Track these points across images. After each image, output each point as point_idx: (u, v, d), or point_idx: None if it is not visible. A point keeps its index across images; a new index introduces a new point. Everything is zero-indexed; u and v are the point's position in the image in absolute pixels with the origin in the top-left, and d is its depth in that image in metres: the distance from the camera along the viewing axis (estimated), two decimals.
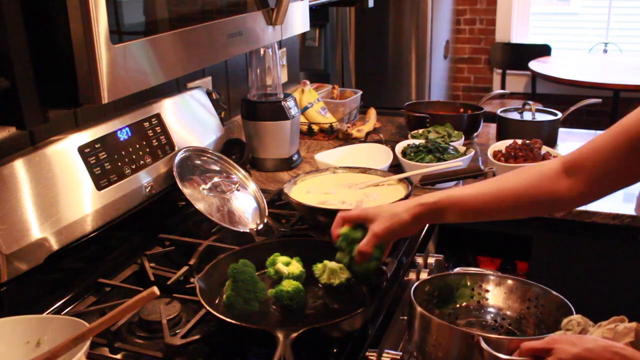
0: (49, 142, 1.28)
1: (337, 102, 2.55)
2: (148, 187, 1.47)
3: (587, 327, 1.02)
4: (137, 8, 1.01)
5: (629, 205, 1.77)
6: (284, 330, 1.02)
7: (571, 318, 1.05)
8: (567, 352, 0.91)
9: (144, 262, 1.38)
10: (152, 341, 1.14)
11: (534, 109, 2.23)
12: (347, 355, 1.10)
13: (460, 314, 1.22)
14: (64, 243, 1.24)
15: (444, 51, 4.28)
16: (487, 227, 1.88)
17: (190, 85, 1.85)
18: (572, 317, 1.05)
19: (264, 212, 1.59)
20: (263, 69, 1.97)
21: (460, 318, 1.21)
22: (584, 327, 1.02)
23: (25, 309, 1.14)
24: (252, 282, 1.17)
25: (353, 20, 3.81)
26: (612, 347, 0.91)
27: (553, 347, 0.93)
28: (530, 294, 1.19)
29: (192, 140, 1.65)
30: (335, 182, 1.63)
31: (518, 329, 1.18)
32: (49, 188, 1.23)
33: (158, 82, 1.04)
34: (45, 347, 0.97)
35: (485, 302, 1.22)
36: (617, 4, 4.83)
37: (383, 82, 3.88)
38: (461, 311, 1.22)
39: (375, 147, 2.05)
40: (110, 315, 0.93)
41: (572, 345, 0.92)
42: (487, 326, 1.20)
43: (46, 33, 0.87)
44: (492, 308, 1.21)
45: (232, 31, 1.24)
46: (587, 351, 0.91)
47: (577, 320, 1.04)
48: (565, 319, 1.06)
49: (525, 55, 4.65)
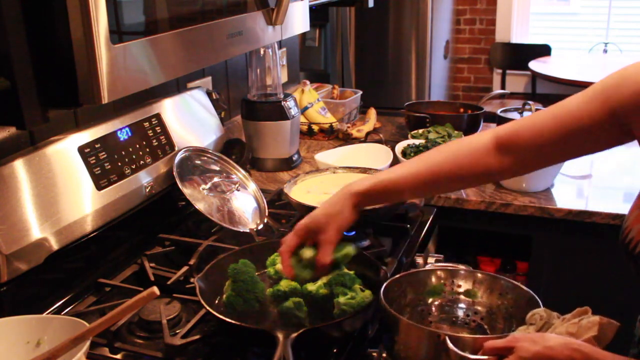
0: (49, 142, 1.28)
1: (337, 102, 2.55)
2: (148, 187, 1.47)
3: (550, 320, 1.03)
4: (137, 8, 1.01)
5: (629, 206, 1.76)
6: (284, 330, 1.02)
7: (535, 311, 1.05)
8: (528, 351, 0.92)
9: (144, 262, 1.38)
10: (152, 341, 1.14)
11: (534, 109, 2.23)
12: (347, 355, 1.10)
13: (431, 311, 1.21)
14: (64, 243, 1.24)
15: (444, 51, 4.28)
16: (487, 227, 1.88)
17: (190, 85, 1.85)
18: (536, 311, 1.05)
19: (264, 212, 1.59)
20: (263, 69, 1.97)
21: (432, 315, 1.21)
22: (547, 321, 1.03)
23: (25, 309, 1.14)
24: (252, 282, 1.17)
25: (353, 20, 3.81)
26: (572, 344, 0.91)
27: (514, 346, 0.94)
28: (500, 288, 1.18)
29: (192, 140, 1.65)
30: (335, 182, 1.63)
31: (488, 324, 1.18)
32: (49, 188, 1.23)
33: (158, 82, 1.04)
34: (45, 347, 0.97)
35: (456, 297, 1.22)
36: (617, 4, 4.83)
37: (383, 82, 3.87)
38: (433, 308, 1.22)
39: (375, 147, 2.05)
40: (110, 315, 0.93)
41: (533, 343, 0.93)
42: (459, 322, 1.20)
43: (46, 33, 0.87)
44: (463, 303, 1.21)
45: (232, 31, 1.24)
46: (548, 349, 0.91)
47: (540, 313, 1.04)
48: (530, 312, 1.06)
49: (525, 55, 4.65)
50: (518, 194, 1.84)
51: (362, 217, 1.32)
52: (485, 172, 1.12)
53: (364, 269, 1.24)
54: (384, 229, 1.54)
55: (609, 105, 0.98)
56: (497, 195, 1.84)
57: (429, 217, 1.66)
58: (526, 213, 1.79)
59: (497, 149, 1.09)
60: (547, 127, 1.04)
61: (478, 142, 1.12)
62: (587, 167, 2.11)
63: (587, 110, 1.01)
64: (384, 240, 1.50)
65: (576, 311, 1.01)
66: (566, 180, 1.96)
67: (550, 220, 1.78)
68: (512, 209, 1.79)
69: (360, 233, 1.49)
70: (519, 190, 1.85)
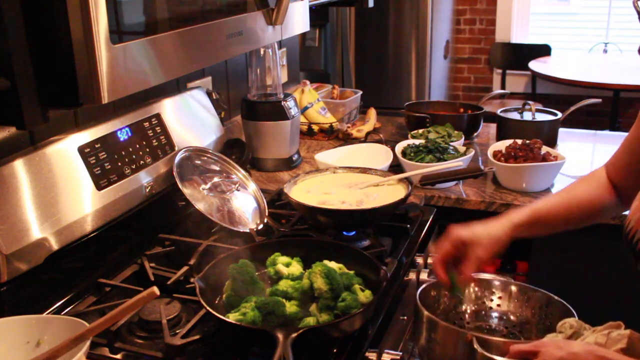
0: (49, 142, 1.28)
1: (337, 102, 2.55)
2: (148, 187, 1.47)
3: (581, 330, 1.03)
4: (137, 8, 1.01)
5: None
6: (284, 330, 1.02)
7: (566, 320, 1.06)
8: (552, 355, 0.93)
9: (144, 262, 1.38)
10: (152, 341, 1.14)
11: (534, 109, 2.23)
12: (347, 355, 1.10)
13: (465, 319, 1.22)
14: (64, 243, 1.24)
15: (444, 51, 4.28)
16: None
17: (190, 85, 1.85)
18: (567, 320, 1.06)
19: (264, 212, 1.59)
20: (263, 69, 1.97)
21: (465, 322, 1.21)
22: (577, 330, 1.03)
23: (25, 309, 1.14)
24: (252, 282, 1.17)
25: (353, 20, 3.81)
26: (598, 352, 0.92)
27: (540, 350, 0.95)
28: (535, 300, 1.19)
29: (192, 140, 1.65)
30: (335, 182, 1.63)
31: (522, 335, 1.19)
32: (49, 188, 1.23)
33: (158, 82, 1.04)
34: (45, 347, 0.97)
35: (490, 307, 1.22)
36: (617, 4, 4.83)
37: (383, 82, 3.88)
38: (466, 316, 1.22)
39: (375, 147, 2.05)
40: (110, 315, 0.93)
41: (558, 348, 0.94)
42: (492, 331, 1.20)
43: (46, 33, 0.87)
44: (497, 313, 1.22)
45: (232, 31, 1.24)
46: (572, 355, 0.92)
47: (570, 323, 1.05)
48: (561, 321, 1.07)
49: (525, 55, 4.65)
50: (518, 194, 1.83)
51: (362, 218, 1.32)
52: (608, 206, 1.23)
53: (364, 269, 1.24)
54: (384, 229, 1.54)
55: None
56: (497, 195, 1.83)
57: (429, 217, 1.66)
58: None
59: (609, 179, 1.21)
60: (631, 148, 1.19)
61: (600, 175, 1.24)
62: (587, 166, 2.11)
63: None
64: (384, 240, 1.50)
65: (608, 324, 1.02)
66: (566, 180, 1.96)
67: None
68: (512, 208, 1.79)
69: (360, 233, 1.49)
70: (519, 190, 1.85)
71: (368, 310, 1.12)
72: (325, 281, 1.13)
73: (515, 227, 1.18)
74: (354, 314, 1.09)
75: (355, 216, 1.46)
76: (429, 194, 1.84)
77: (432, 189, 1.86)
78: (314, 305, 1.15)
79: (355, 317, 1.09)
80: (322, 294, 1.13)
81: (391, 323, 1.29)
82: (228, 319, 1.08)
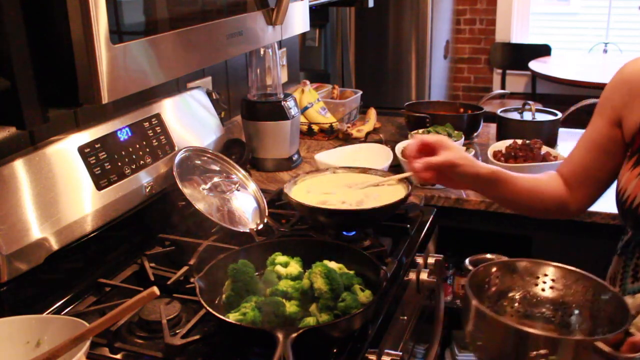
0: (49, 142, 1.28)
1: (337, 102, 2.55)
2: (148, 187, 1.47)
3: None
4: (137, 8, 1.01)
5: None
6: (284, 330, 1.02)
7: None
8: None
9: (144, 262, 1.38)
10: (152, 341, 1.14)
11: (534, 109, 2.23)
12: (347, 355, 1.10)
13: (514, 304, 1.20)
14: (64, 243, 1.24)
15: (444, 51, 4.28)
16: (487, 227, 1.88)
17: (190, 85, 1.85)
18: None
19: (264, 212, 1.59)
20: (263, 69, 1.97)
21: (515, 307, 1.19)
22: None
23: (25, 309, 1.14)
24: (252, 282, 1.17)
25: (353, 20, 3.81)
26: None
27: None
28: (589, 286, 1.15)
29: (192, 140, 1.65)
30: (335, 182, 1.63)
31: (572, 322, 1.16)
32: (49, 188, 1.23)
33: (158, 82, 1.04)
34: (45, 347, 0.97)
35: (541, 292, 1.20)
36: (617, 4, 4.83)
37: (383, 82, 3.88)
38: (515, 301, 1.20)
39: (375, 147, 2.05)
40: (110, 315, 0.93)
41: None
42: (541, 317, 1.18)
43: (46, 33, 0.87)
44: (547, 298, 1.19)
45: (232, 31, 1.24)
46: None
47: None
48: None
49: (525, 55, 4.65)
50: None
51: (362, 218, 1.32)
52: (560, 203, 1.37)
53: (364, 269, 1.24)
54: (384, 229, 1.54)
55: (606, 115, 1.05)
56: None
57: (429, 217, 1.66)
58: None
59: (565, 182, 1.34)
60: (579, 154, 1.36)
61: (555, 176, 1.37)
62: None
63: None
64: (384, 240, 1.50)
65: None
66: None
67: (550, 220, 1.77)
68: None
69: (360, 233, 1.49)
70: None
71: (368, 310, 1.12)
72: (325, 281, 1.13)
73: (478, 174, 1.26)
74: (354, 314, 1.09)
75: (355, 216, 1.46)
76: (429, 194, 1.84)
77: (432, 189, 1.86)
78: (314, 305, 1.15)
79: (355, 317, 1.09)
80: (322, 294, 1.13)
81: (391, 323, 1.29)
82: (228, 319, 1.08)
